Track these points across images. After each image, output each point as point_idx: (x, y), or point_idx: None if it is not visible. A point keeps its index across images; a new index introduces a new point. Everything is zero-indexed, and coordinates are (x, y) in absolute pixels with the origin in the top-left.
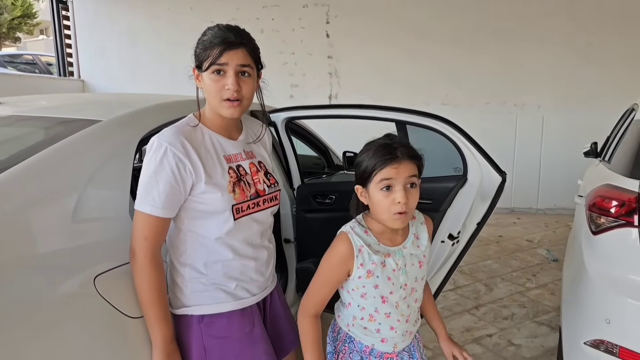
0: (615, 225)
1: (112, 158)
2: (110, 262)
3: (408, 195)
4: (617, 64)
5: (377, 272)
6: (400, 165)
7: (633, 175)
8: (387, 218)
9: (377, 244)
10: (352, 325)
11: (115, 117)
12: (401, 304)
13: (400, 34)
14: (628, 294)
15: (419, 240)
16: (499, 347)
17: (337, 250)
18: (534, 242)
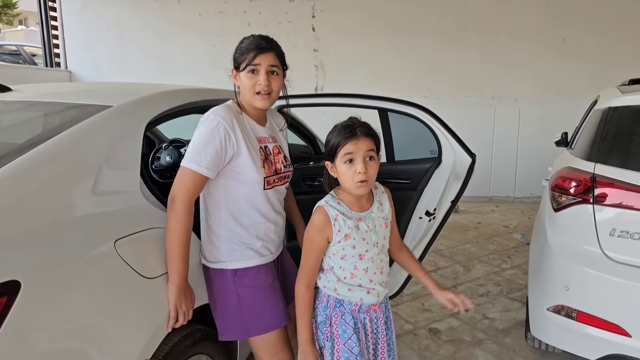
0: (573, 202)
1: (123, 139)
2: (127, 229)
3: (367, 167)
4: (590, 59)
5: (353, 235)
6: (359, 141)
7: (589, 158)
8: (351, 187)
9: (350, 211)
10: (338, 284)
11: (125, 103)
12: (375, 259)
13: (384, 29)
14: (584, 263)
15: (382, 206)
16: (474, 320)
17: (315, 221)
18: (510, 227)
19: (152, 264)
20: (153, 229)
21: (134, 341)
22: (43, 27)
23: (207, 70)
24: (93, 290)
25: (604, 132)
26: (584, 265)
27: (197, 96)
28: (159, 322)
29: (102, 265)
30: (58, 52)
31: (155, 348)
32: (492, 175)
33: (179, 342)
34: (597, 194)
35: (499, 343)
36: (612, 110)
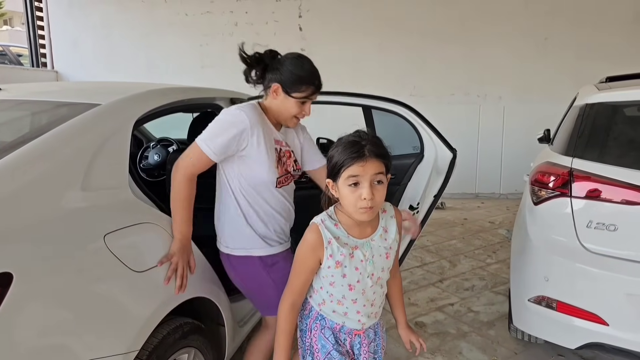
0: (552, 196)
1: (112, 137)
2: (117, 223)
3: (374, 192)
4: (571, 57)
5: (346, 263)
6: (367, 163)
7: (567, 153)
8: (353, 212)
9: (347, 236)
10: (323, 305)
11: (113, 101)
12: (367, 291)
13: (370, 28)
14: (562, 255)
15: (387, 234)
16: (459, 313)
17: (308, 240)
18: (496, 223)
19: (141, 258)
20: (142, 224)
21: (122, 333)
22: (29, 27)
23: (194, 70)
24: (83, 283)
25: (581, 128)
26: (563, 256)
27: (183, 95)
28: (148, 315)
29: (91, 259)
30: (44, 52)
31: (144, 340)
32: (477, 172)
33: (168, 334)
34: (574, 188)
35: (483, 335)
36: (589, 106)
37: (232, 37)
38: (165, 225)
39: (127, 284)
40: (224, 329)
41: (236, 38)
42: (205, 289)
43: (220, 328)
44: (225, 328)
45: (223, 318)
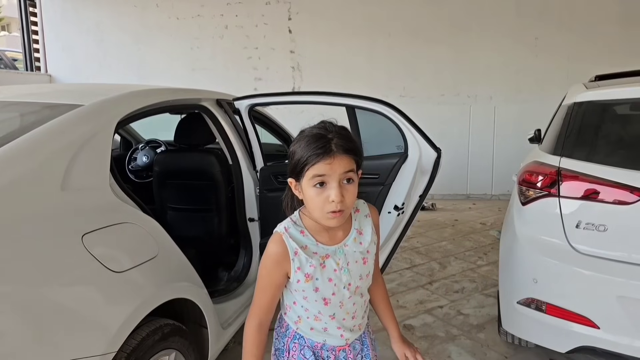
0: (540, 196)
1: (94, 137)
2: (95, 223)
3: (343, 193)
4: (562, 57)
5: (317, 275)
6: (335, 160)
7: (555, 152)
8: (320, 217)
9: (315, 244)
10: (299, 322)
11: (95, 102)
12: (346, 303)
13: (359, 30)
14: (551, 256)
15: (362, 236)
16: (449, 316)
17: (271, 253)
18: (487, 224)
19: (121, 258)
20: (122, 224)
21: (100, 335)
22: (23, 31)
23: (185, 73)
24: (60, 283)
25: (569, 127)
26: (552, 257)
27: (167, 96)
28: (126, 316)
29: (68, 259)
30: (39, 57)
31: (122, 342)
32: (469, 173)
33: (147, 336)
34: (562, 187)
35: (472, 338)
36: (577, 105)
37: (223, 40)
38: (146, 225)
39: (105, 285)
40: (207, 331)
41: (226, 41)
42: (186, 290)
43: (203, 330)
44: (208, 330)
45: (205, 319)
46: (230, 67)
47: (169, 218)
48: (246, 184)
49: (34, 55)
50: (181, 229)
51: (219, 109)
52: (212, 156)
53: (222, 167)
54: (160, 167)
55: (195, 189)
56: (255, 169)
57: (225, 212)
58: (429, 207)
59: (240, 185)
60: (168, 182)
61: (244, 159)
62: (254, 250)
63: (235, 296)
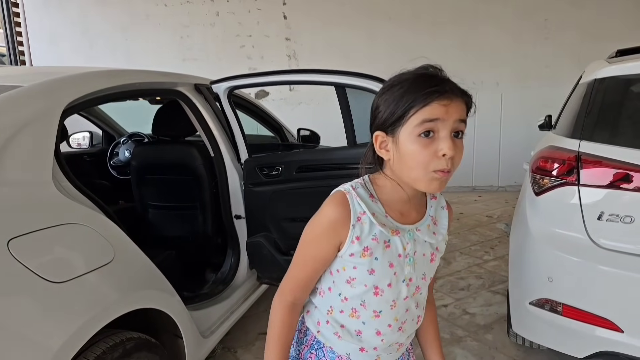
0: (556, 184)
1: (32, 124)
2: (29, 225)
3: (455, 147)
4: (573, 39)
5: (377, 253)
6: (452, 102)
7: (574, 135)
8: (421, 177)
9: (384, 215)
10: (325, 324)
11: (37, 84)
12: (399, 303)
13: (358, 15)
14: (569, 251)
15: (437, 227)
16: (454, 316)
17: (327, 215)
18: (494, 217)
19: (63, 265)
20: (66, 225)
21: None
22: (6, 24)
23: (175, 63)
24: None
25: (589, 106)
26: (569, 253)
27: (132, 78)
28: (71, 332)
29: None
30: (23, 50)
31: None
32: (474, 164)
33: (104, 354)
34: (582, 174)
35: (479, 340)
36: (598, 82)
37: (214, 28)
38: (99, 226)
39: (40, 298)
40: (183, 342)
41: (218, 29)
42: (151, 298)
43: (179, 340)
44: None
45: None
46: (222, 57)
47: (150, 217)
48: (230, 178)
49: (17, 49)
50: (163, 229)
51: (197, 94)
52: (193, 148)
53: (204, 160)
54: (137, 162)
55: (177, 184)
56: (239, 161)
57: (209, 209)
58: None
59: (224, 179)
60: (147, 178)
61: (227, 150)
62: (242, 250)
63: (221, 300)
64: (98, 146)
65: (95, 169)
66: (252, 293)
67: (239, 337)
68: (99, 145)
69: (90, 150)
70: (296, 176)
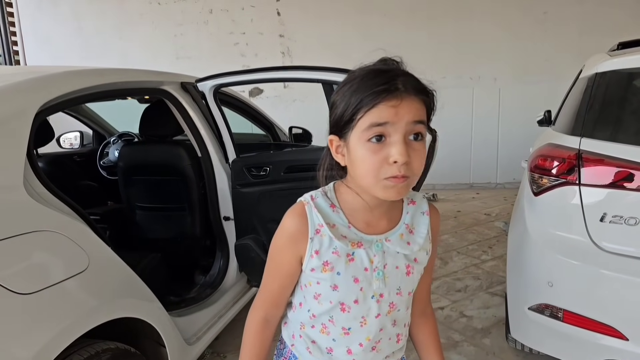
0: (556, 184)
1: (3, 125)
2: None
3: (410, 152)
4: (573, 33)
5: (339, 267)
6: (402, 102)
7: (574, 132)
8: (373, 184)
9: (347, 225)
10: (299, 338)
11: (9, 84)
12: (370, 321)
13: (353, 11)
14: (569, 255)
15: (412, 236)
16: (450, 319)
17: (285, 228)
18: (492, 215)
19: (32, 276)
20: (35, 233)
21: None
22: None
23: (168, 61)
24: None
25: (590, 101)
26: (570, 257)
27: (112, 78)
28: (39, 346)
29: None
30: (17, 50)
31: None
32: (472, 161)
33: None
34: (583, 173)
35: (477, 345)
36: (599, 76)
37: (207, 26)
38: (72, 233)
39: (3, 309)
40: (166, 350)
41: (211, 26)
42: (130, 307)
43: (162, 349)
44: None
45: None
46: (216, 55)
47: (138, 218)
48: (219, 178)
49: (12, 49)
50: (151, 230)
51: (184, 93)
52: (181, 148)
53: (192, 161)
54: (124, 162)
55: (164, 185)
56: (227, 161)
57: (198, 211)
58: (430, 197)
59: (212, 180)
60: (134, 179)
61: (215, 150)
62: (231, 252)
63: (208, 305)
64: (89, 146)
65: (85, 170)
66: (242, 296)
67: (229, 341)
68: (90, 145)
69: (80, 150)
70: (284, 177)
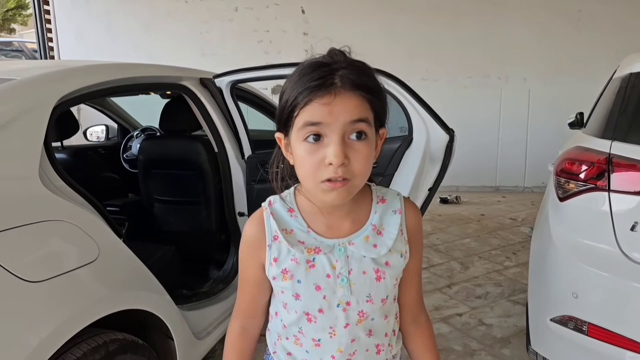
0: (583, 189)
1: (19, 117)
2: (7, 222)
3: (349, 152)
4: (609, 32)
5: (299, 275)
6: (336, 98)
7: (605, 136)
8: (313, 187)
9: (305, 230)
10: (278, 347)
11: (29, 77)
12: (340, 332)
13: (377, 8)
14: (596, 265)
15: (380, 237)
16: (468, 326)
17: (245, 235)
18: (518, 220)
19: (42, 264)
20: (48, 222)
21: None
22: (37, 21)
23: (195, 58)
24: None
25: (623, 103)
26: (598, 267)
27: (131, 72)
28: (45, 333)
29: None
30: (52, 46)
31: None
32: (498, 163)
33: (83, 356)
34: (614, 179)
35: (495, 355)
36: (634, 76)
37: (232, 23)
38: (84, 224)
39: (12, 297)
40: (174, 343)
41: (236, 24)
42: (139, 299)
43: (170, 342)
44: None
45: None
46: (240, 52)
47: (156, 210)
48: (234, 174)
49: (47, 45)
50: (168, 223)
51: (202, 89)
52: (199, 144)
53: (209, 156)
54: (144, 156)
55: (182, 179)
56: (243, 157)
57: (213, 206)
58: (453, 200)
59: (227, 176)
60: (153, 172)
61: (231, 146)
62: None
63: (220, 300)
64: (113, 139)
65: (108, 162)
66: None
67: None
68: (115, 138)
69: (105, 143)
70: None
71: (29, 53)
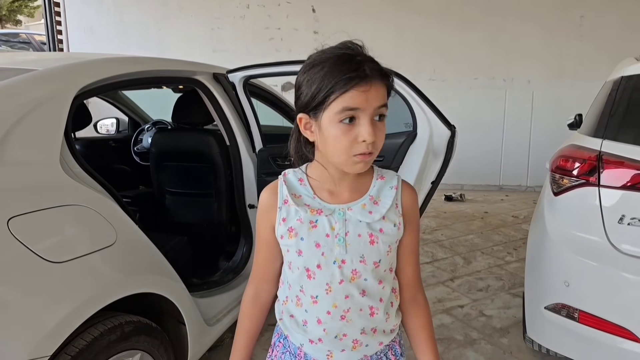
0: (576, 184)
1: (41, 106)
2: (30, 205)
3: (376, 132)
4: (611, 37)
5: (302, 233)
6: (371, 88)
7: (596, 134)
8: (344, 160)
9: (312, 196)
10: (283, 314)
11: (51, 68)
12: (335, 287)
13: (387, 9)
14: (587, 255)
15: (377, 206)
16: (469, 317)
17: (261, 201)
18: (520, 218)
19: (63, 246)
20: (67, 206)
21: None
22: (46, 14)
23: (205, 54)
24: None
25: (614, 104)
26: (588, 257)
27: (147, 66)
28: (65, 313)
29: None
30: (62, 39)
31: (58, 343)
32: (502, 163)
33: (101, 336)
34: (604, 175)
35: (494, 344)
36: (625, 79)
37: (244, 20)
38: (102, 209)
39: (35, 277)
40: (186, 328)
41: (248, 21)
42: (153, 283)
43: (182, 327)
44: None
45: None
46: (251, 49)
47: (167, 202)
48: (245, 167)
49: (57, 38)
50: (179, 214)
51: (215, 84)
52: (211, 137)
53: (221, 149)
54: (157, 148)
55: (193, 172)
56: (254, 150)
57: (224, 198)
58: (457, 197)
59: (238, 168)
60: (165, 164)
61: (242, 140)
62: (255, 239)
63: (229, 289)
64: (124, 132)
65: (119, 155)
66: None
67: None
68: (125, 131)
69: (116, 136)
70: None
71: (37, 45)
